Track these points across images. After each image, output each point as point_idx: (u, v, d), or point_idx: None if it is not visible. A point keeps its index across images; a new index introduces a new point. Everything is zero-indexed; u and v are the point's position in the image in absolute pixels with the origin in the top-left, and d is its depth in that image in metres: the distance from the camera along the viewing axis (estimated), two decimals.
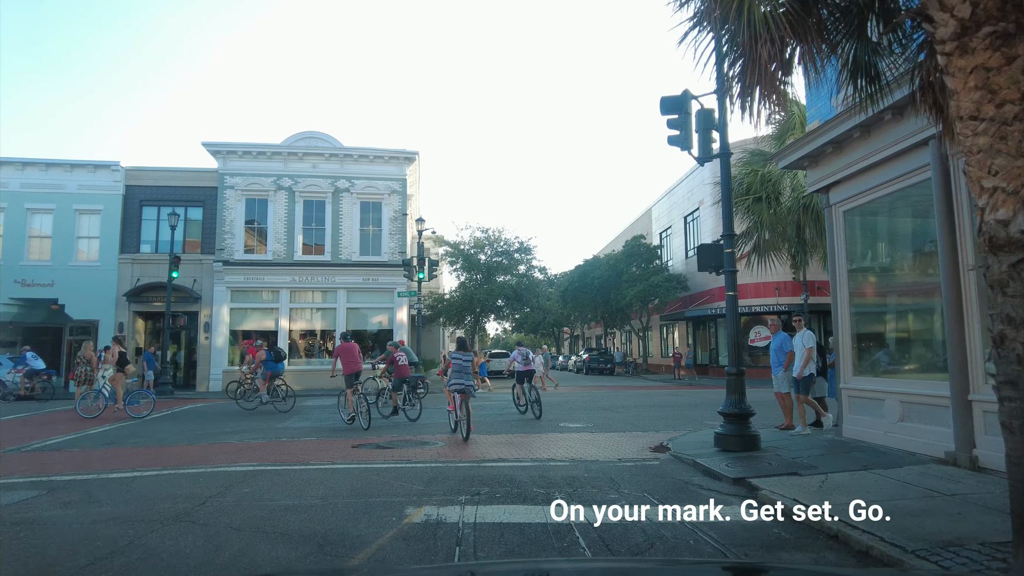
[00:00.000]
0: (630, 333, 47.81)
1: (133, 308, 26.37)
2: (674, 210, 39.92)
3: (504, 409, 15.88)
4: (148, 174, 27.12)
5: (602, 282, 36.93)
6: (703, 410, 15.41)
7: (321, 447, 10.05)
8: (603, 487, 6.87)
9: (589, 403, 17.49)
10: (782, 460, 8.29)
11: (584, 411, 15.31)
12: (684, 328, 37.68)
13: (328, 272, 26.85)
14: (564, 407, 16.40)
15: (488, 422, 13.23)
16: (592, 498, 6.24)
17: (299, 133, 27.43)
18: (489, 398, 19.75)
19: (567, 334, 73.44)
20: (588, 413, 14.85)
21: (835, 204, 9.84)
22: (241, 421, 13.78)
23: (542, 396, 14.91)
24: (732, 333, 9.51)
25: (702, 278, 34.12)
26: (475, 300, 32.21)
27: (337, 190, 27.36)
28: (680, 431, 11.68)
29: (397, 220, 27.62)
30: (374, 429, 12.15)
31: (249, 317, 27.09)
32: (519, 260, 33.75)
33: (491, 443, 10.30)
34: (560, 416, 14.22)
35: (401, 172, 27.85)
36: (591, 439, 10.81)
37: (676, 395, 20.48)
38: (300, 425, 12.97)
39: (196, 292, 26.34)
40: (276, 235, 26.93)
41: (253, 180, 27.00)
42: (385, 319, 27.68)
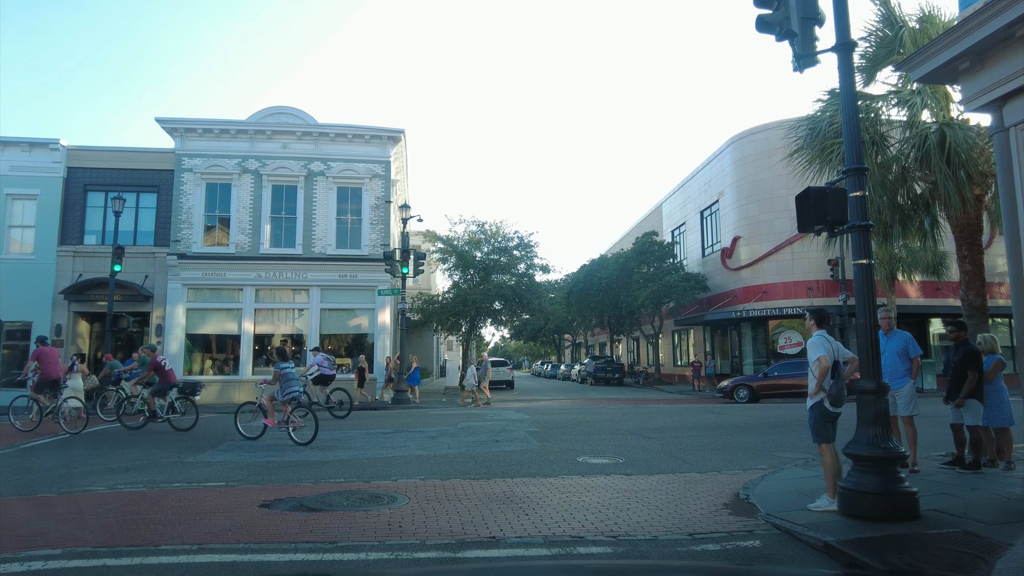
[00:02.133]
0: (639, 339, 44.28)
1: (74, 308, 22.81)
2: (688, 205, 36.54)
3: (501, 433, 12.33)
4: (94, 155, 23.63)
5: (610, 283, 33.44)
6: (760, 434, 11.88)
7: (220, 501, 6.52)
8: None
9: (608, 423, 13.95)
10: (985, 545, 4.77)
11: (606, 436, 11.76)
12: (701, 334, 34.16)
13: (299, 267, 23.34)
14: (578, 429, 12.86)
15: (481, 457, 9.67)
16: None
17: (268, 108, 24.00)
18: (483, 416, 16.18)
19: (568, 341, 69.83)
20: (612, 439, 11.30)
21: (1017, 124, 6.31)
22: (149, 450, 10.22)
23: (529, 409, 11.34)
24: (868, 326, 5.94)
25: (722, 278, 30.72)
26: (469, 302, 28.66)
27: (311, 173, 23.89)
28: (751, 470, 8.21)
29: (379, 208, 24.14)
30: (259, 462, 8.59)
31: (208, 319, 23.54)
32: (519, 258, 30.22)
33: (482, 495, 6.77)
34: (576, 444, 10.68)
35: (384, 154, 24.38)
36: (630, 487, 7.27)
37: (711, 412, 16.93)
38: (220, 460, 9.41)
39: (147, 290, 22.81)
40: (240, 225, 23.44)
41: (214, 162, 23.54)
42: (365, 321, 24.13)
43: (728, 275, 30.62)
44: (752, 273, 29.22)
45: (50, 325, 22.42)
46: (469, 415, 16.25)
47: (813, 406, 6.07)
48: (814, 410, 6.05)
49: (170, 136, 23.53)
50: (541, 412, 17.29)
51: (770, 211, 28.70)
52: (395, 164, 25.78)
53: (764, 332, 29.23)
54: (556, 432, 12.32)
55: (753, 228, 29.25)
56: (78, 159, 23.37)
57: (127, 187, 23.40)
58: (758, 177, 29.25)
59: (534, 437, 11.55)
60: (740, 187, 30.04)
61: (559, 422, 14.14)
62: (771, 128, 29.19)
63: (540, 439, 11.32)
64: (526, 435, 11.84)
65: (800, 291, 27.42)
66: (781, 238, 28.14)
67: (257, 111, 23.86)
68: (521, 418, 15.06)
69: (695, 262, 34.12)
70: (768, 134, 29.20)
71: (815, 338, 6.15)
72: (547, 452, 9.79)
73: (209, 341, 23.83)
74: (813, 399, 6.08)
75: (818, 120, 10.33)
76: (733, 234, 30.20)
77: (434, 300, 32.91)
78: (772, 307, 27.61)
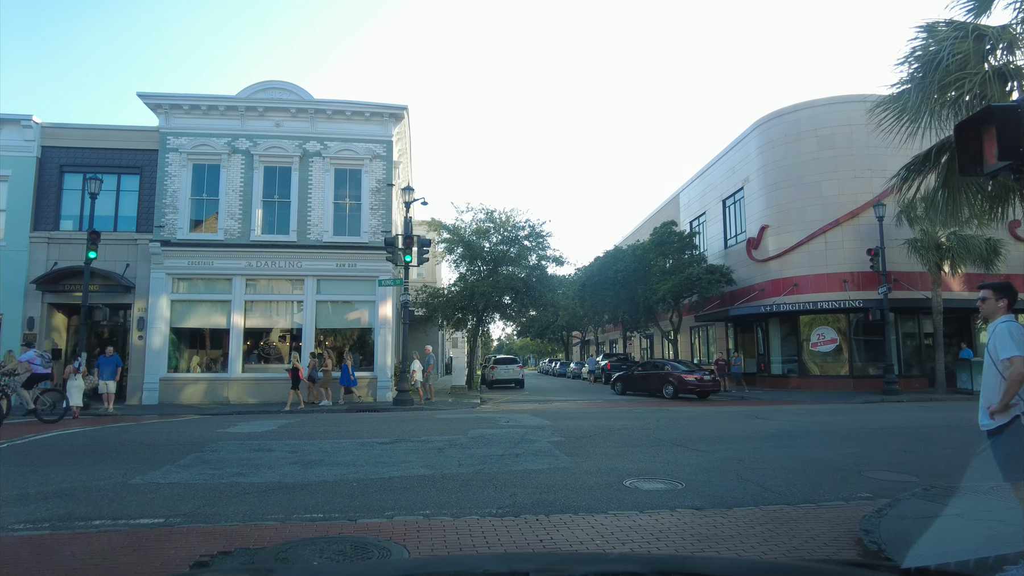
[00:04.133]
0: (654, 337, 42.26)
1: (48, 300, 20.96)
2: (708, 194, 34.49)
3: (520, 444, 10.39)
4: (70, 133, 21.77)
5: (627, 276, 31.41)
6: (827, 446, 9.91)
7: (135, 558, 4.61)
8: None
9: (642, 431, 12.00)
10: None
11: (646, 449, 9.81)
12: (723, 330, 32.14)
13: (294, 256, 21.44)
14: (610, 439, 10.91)
15: (502, 479, 7.76)
16: None
17: (260, 83, 22.07)
18: (496, 421, 14.22)
19: (577, 339, 67.81)
20: (656, 454, 9.35)
21: None
22: (94, 466, 8.33)
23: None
24: None
25: (747, 270, 28.72)
26: (477, 295, 26.68)
27: (306, 154, 21.98)
28: (855, 501, 6.32)
29: (380, 192, 22.21)
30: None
31: (195, 311, 21.66)
32: (530, 248, 28.22)
33: (510, 545, 4.83)
34: (615, 460, 8.73)
35: (386, 132, 22.44)
36: (710, 530, 5.33)
37: (756, 417, 14.95)
38: (174, 480, 7.52)
39: (128, 280, 20.95)
40: (229, 209, 21.55)
41: (202, 141, 21.65)
42: (365, 315, 22.22)
43: (754, 267, 28.59)
44: (781, 265, 27.19)
45: (22, 318, 20.59)
46: (481, 420, 14.32)
47: (1004, 428, 4.10)
48: (1008, 434, 4.08)
49: (154, 113, 21.65)
50: (560, 416, 15.35)
51: (801, 198, 26.66)
52: (397, 145, 23.85)
53: (794, 328, 27.21)
54: (585, 443, 10.38)
55: (782, 216, 27.21)
56: (53, 137, 21.51)
57: (107, 168, 21.54)
58: (788, 161, 27.20)
59: (561, 449, 9.61)
60: (768, 173, 27.99)
61: (584, 429, 12.20)
62: (802, 109, 27.19)
63: (569, 452, 9.38)
64: (550, 446, 9.91)
65: (834, 284, 25.37)
66: (813, 227, 26.09)
67: (248, 86, 21.95)
68: (540, 424, 13.13)
69: (716, 254, 32.09)
70: (799, 116, 27.18)
71: (1003, 327, 4.19)
72: (582, 472, 7.85)
73: (196, 336, 21.96)
74: (1002, 417, 4.11)
75: (934, 53, 8.12)
76: (760, 223, 28.17)
77: (439, 293, 31.01)
78: (804, 301, 25.56)
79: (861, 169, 25.61)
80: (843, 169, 25.90)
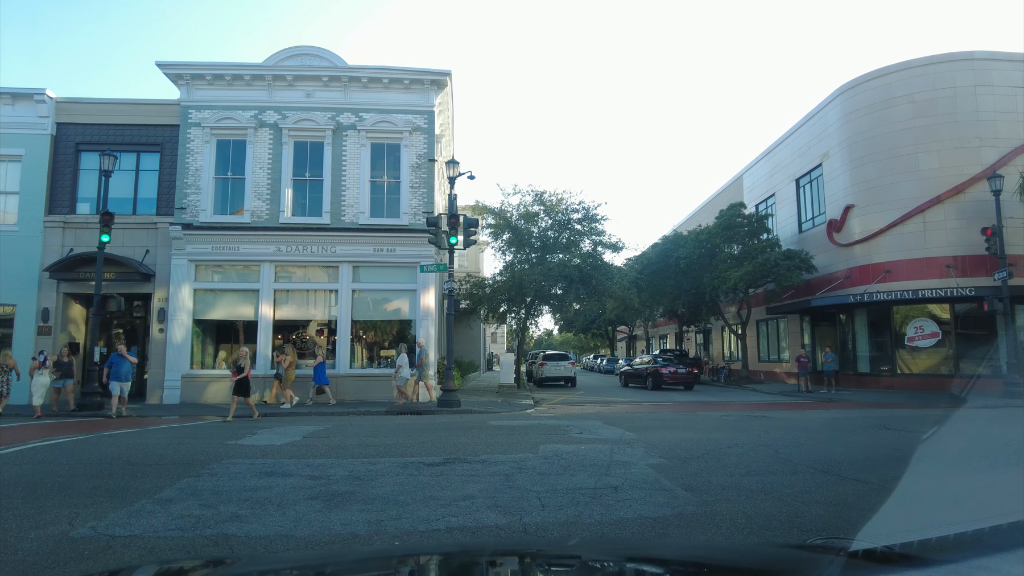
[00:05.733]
0: (711, 331, 39.20)
1: (64, 289, 19.28)
2: (777, 174, 31.35)
3: (611, 469, 7.91)
4: (87, 108, 20.03)
5: (690, 263, 28.53)
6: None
7: None
8: None
9: (759, 448, 9.37)
10: None
11: (784, 476, 7.21)
12: (797, 323, 29.02)
13: (327, 240, 19.34)
14: (725, 460, 8.33)
15: (611, 537, 5.28)
16: None
17: (288, 49, 19.95)
18: (566, 432, 11.75)
19: (623, 333, 64.78)
20: (801, 485, 6.75)
21: None
22: (19, 506, 6.15)
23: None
24: None
25: (827, 256, 25.68)
26: (526, 285, 24.23)
27: (339, 127, 19.82)
28: None
29: (421, 169, 19.93)
30: None
31: (219, 301, 19.74)
32: (583, 233, 25.61)
33: None
34: (754, 500, 6.15)
35: (427, 101, 20.12)
36: None
37: (883, 427, 12.14)
38: (140, 529, 5.27)
39: (148, 267, 19.12)
40: (256, 189, 19.54)
41: (226, 115, 19.68)
42: (405, 306, 19.99)
43: (836, 252, 25.46)
44: (868, 249, 24.04)
45: (36, 308, 18.92)
46: (546, 429, 11.85)
47: None
48: None
49: (174, 85, 19.76)
50: (639, 425, 12.78)
51: (892, 172, 23.46)
52: (439, 116, 21.53)
53: (884, 320, 24.06)
54: (697, 467, 7.83)
55: (870, 195, 24.03)
56: (68, 113, 19.80)
57: (126, 146, 19.76)
58: (876, 132, 24.00)
59: (671, 479, 7.09)
60: (852, 146, 24.82)
61: (683, 445, 9.63)
62: (893, 72, 23.94)
63: (684, 483, 6.86)
64: (654, 473, 7.40)
65: (935, 269, 22.14)
66: (908, 205, 22.89)
67: (275, 52, 19.90)
68: (621, 436, 10.57)
69: (789, 239, 28.96)
70: (889, 80, 23.94)
71: None
72: (727, 522, 5.32)
73: (221, 329, 20.06)
74: None
75: None
76: (843, 203, 25.01)
77: (483, 283, 28.69)
78: (899, 290, 22.40)
79: (967, 138, 22.32)
80: (945, 138, 22.63)
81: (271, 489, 6.60)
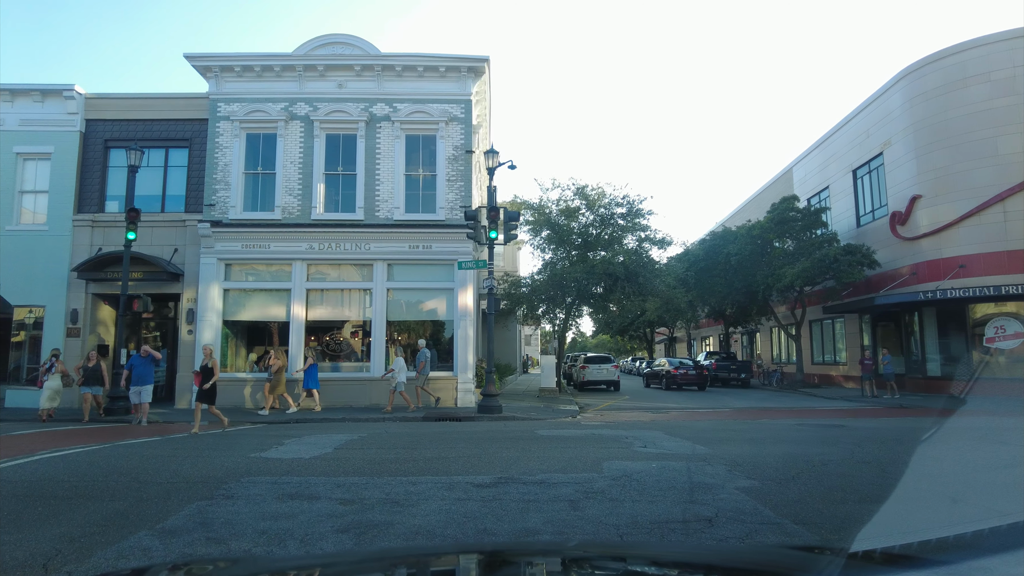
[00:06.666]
0: (758, 332, 37.36)
1: (92, 290, 18.71)
2: (831, 165, 29.56)
3: (696, 493, 6.69)
4: (116, 103, 19.47)
5: (741, 260, 26.94)
6: None
7: None
8: None
9: (857, 465, 8.05)
10: None
11: (912, 506, 5.86)
12: (856, 323, 27.21)
13: (360, 237, 18.40)
14: (826, 482, 7.04)
15: None
16: None
17: (319, 37, 19.09)
18: (629, 445, 10.51)
19: (663, 335, 62.90)
20: (940, 515, 5.43)
21: None
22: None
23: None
24: None
25: (890, 251, 23.93)
26: (568, 284, 22.97)
27: (373, 118, 18.88)
28: None
29: (458, 161, 18.87)
30: None
31: (250, 301, 18.97)
32: (626, 228, 24.24)
33: None
34: (884, 533, 4.85)
35: (464, 90, 19.07)
36: None
37: (995, 439, 10.63)
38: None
39: (176, 266, 18.43)
40: (287, 184, 18.72)
41: (256, 107, 18.90)
42: (442, 306, 18.95)
43: (900, 247, 23.66)
44: (938, 243, 22.21)
45: (65, 309, 18.38)
46: (602, 441, 10.61)
47: None
48: None
49: (203, 77, 19.06)
50: (703, 435, 11.45)
51: (966, 159, 21.61)
52: (477, 106, 20.47)
53: (956, 320, 22.19)
54: (797, 490, 6.56)
55: (940, 184, 22.20)
56: (97, 109, 19.25)
57: (154, 142, 19.15)
58: (946, 116, 22.16)
59: (769, 505, 5.87)
60: (919, 131, 23.01)
61: (765, 461, 8.33)
62: (967, 49, 22.09)
63: (788, 512, 5.61)
64: (745, 497, 6.17)
65: (1018, 263, 20.26)
66: (986, 193, 21.03)
67: (306, 41, 19.03)
68: (694, 451, 9.26)
69: (846, 233, 27.13)
70: (962, 58, 22.09)
71: None
72: None
73: (252, 330, 19.28)
74: None
75: None
76: (909, 194, 23.19)
77: (520, 283, 27.50)
78: (976, 286, 20.56)
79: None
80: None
81: (294, 517, 5.53)
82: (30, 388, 18.54)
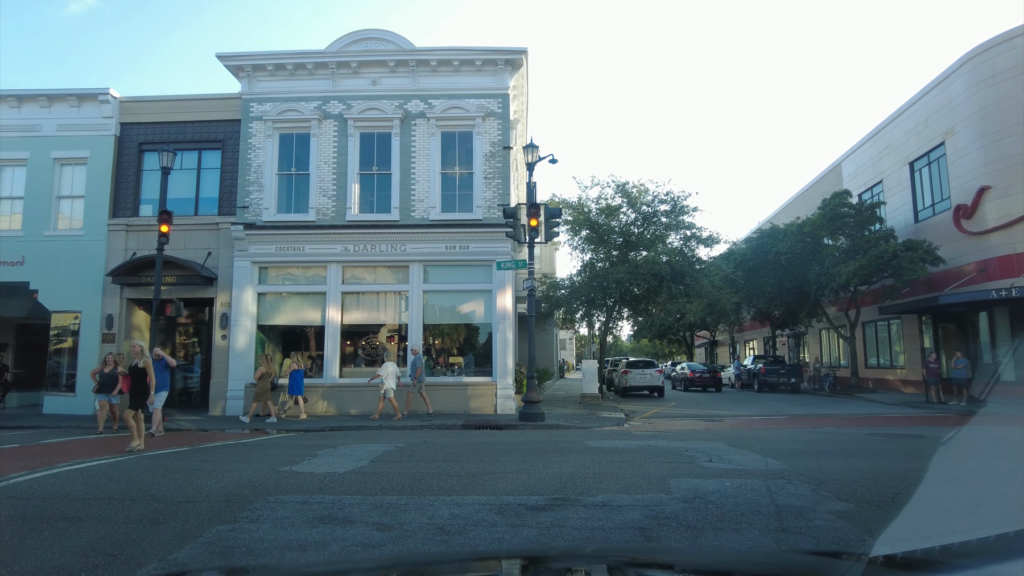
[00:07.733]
0: (804, 335, 35.77)
1: (127, 295, 18.50)
2: (886, 158, 28.06)
3: (784, 518, 5.79)
4: (150, 106, 19.30)
5: (791, 258, 25.67)
6: None
7: None
8: None
9: (951, 484, 7.06)
10: None
11: None
12: (915, 324, 25.67)
13: (396, 238, 17.82)
14: (924, 502, 6.10)
15: None
16: None
17: (352, 33, 18.61)
18: (692, 459, 9.59)
19: (703, 339, 61.25)
20: None
21: None
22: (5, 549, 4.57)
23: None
24: None
25: (953, 247, 22.50)
26: (609, 285, 22.05)
27: (408, 115, 18.31)
28: None
29: (496, 158, 18.17)
30: None
31: (284, 305, 18.54)
32: (671, 226, 23.24)
33: None
34: None
35: (501, 83, 18.37)
36: None
37: None
38: None
39: (210, 270, 18.10)
40: (321, 185, 18.25)
41: (289, 107, 18.49)
42: (480, 308, 18.24)
43: (966, 242, 22.17)
44: (1009, 237, 20.70)
45: (100, 315, 18.19)
46: (664, 455, 9.70)
47: None
48: None
49: (235, 77, 18.74)
50: (770, 446, 10.44)
51: None
52: (515, 101, 19.74)
53: None
54: (895, 512, 5.60)
55: (1011, 173, 20.70)
56: (132, 112, 19.09)
57: (188, 144, 18.89)
58: (1018, 100, 20.66)
59: (874, 534, 4.97)
60: (985, 118, 21.54)
61: (851, 477, 7.36)
62: None
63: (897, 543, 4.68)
64: (843, 524, 5.30)
65: None
66: None
67: (339, 38, 18.57)
68: (767, 466, 8.28)
69: (903, 230, 25.64)
70: None
71: None
72: None
73: (287, 335, 18.88)
74: None
75: None
76: (975, 185, 21.72)
77: (558, 284, 26.68)
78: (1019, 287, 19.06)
79: None
80: None
81: (324, 547, 4.82)
82: (67, 394, 18.43)
